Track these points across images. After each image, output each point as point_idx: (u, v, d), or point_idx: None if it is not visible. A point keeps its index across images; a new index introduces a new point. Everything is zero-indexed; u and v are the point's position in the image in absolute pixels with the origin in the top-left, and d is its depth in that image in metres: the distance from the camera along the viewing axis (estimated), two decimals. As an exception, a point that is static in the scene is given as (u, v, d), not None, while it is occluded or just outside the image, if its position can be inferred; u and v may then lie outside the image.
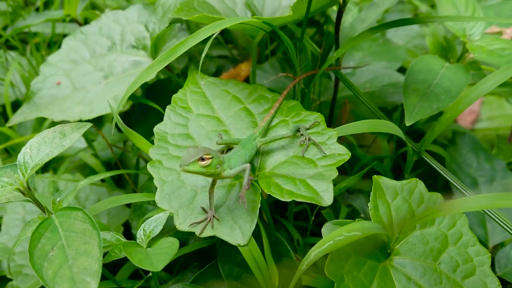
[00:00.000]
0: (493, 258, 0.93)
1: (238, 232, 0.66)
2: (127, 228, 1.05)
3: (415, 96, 0.87)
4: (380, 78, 1.20)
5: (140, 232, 0.66)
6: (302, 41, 0.87)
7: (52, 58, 1.07)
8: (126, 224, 1.05)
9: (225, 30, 1.23)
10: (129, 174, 1.13)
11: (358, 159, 1.04)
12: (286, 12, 0.84)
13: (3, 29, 1.57)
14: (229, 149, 0.79)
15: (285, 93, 0.84)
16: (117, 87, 0.96)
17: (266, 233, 0.74)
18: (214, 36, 0.75)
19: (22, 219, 1.07)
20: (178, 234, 0.88)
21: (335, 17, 0.90)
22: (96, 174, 0.96)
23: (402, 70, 1.28)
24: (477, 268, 0.70)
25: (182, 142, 0.79)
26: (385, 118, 0.90)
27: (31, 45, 1.48)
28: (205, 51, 0.74)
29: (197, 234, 0.66)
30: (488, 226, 0.98)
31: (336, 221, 0.70)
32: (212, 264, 0.77)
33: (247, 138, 0.76)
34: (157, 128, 0.80)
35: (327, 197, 0.67)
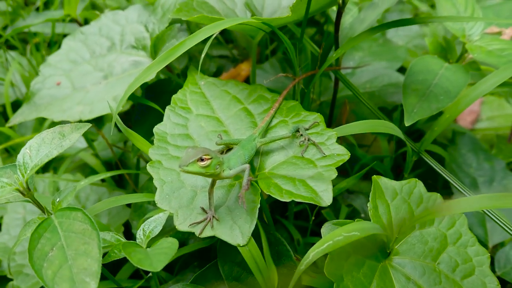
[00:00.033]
0: (492, 257, 0.93)
1: (237, 232, 0.67)
2: (128, 227, 1.05)
3: (415, 96, 0.87)
4: (380, 78, 1.20)
5: (139, 232, 0.67)
6: (302, 41, 0.87)
7: (51, 58, 1.07)
8: (127, 224, 1.05)
9: (225, 30, 1.23)
10: (129, 174, 1.13)
11: (358, 159, 1.04)
12: (286, 12, 0.84)
13: (3, 29, 1.57)
14: (228, 149, 0.79)
15: (284, 93, 0.84)
16: (117, 87, 0.96)
17: (265, 233, 0.74)
18: (214, 36, 0.75)
19: (23, 219, 1.07)
20: (178, 234, 0.87)
21: (335, 17, 0.90)
22: (96, 174, 0.96)
23: (402, 70, 1.28)
24: (476, 268, 0.70)
25: (182, 143, 0.79)
26: (384, 118, 0.90)
27: (31, 45, 1.48)
28: (204, 52, 0.74)
29: (196, 234, 0.66)
30: (488, 225, 0.98)
31: (335, 221, 0.70)
32: (212, 264, 0.77)
33: (247, 138, 0.76)
34: (156, 128, 0.81)
35: (326, 197, 0.67)
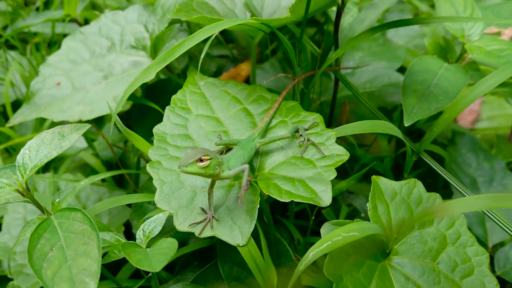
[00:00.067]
0: (492, 257, 0.93)
1: (237, 232, 0.67)
2: (128, 227, 1.05)
3: (414, 96, 0.87)
4: (380, 78, 1.20)
5: (139, 232, 0.67)
6: (301, 41, 0.87)
7: (51, 58, 1.07)
8: (127, 223, 1.05)
9: (225, 30, 1.23)
10: (129, 174, 1.13)
11: (358, 159, 1.04)
12: (285, 12, 0.84)
13: (3, 29, 1.57)
14: (228, 149, 0.79)
15: (284, 93, 0.84)
16: (116, 87, 0.96)
17: (265, 233, 0.74)
18: (213, 36, 0.75)
19: (23, 219, 1.07)
20: (178, 234, 0.88)
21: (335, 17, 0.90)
22: (96, 174, 0.96)
23: (402, 70, 1.28)
24: (475, 268, 0.70)
25: (182, 143, 0.79)
26: (384, 118, 0.90)
27: (31, 45, 1.48)
28: (204, 52, 0.74)
29: (196, 234, 0.66)
30: (487, 225, 0.98)
31: (335, 221, 0.70)
32: (212, 264, 0.77)
33: (246, 138, 0.76)
34: (156, 128, 0.81)
35: (326, 197, 0.68)
